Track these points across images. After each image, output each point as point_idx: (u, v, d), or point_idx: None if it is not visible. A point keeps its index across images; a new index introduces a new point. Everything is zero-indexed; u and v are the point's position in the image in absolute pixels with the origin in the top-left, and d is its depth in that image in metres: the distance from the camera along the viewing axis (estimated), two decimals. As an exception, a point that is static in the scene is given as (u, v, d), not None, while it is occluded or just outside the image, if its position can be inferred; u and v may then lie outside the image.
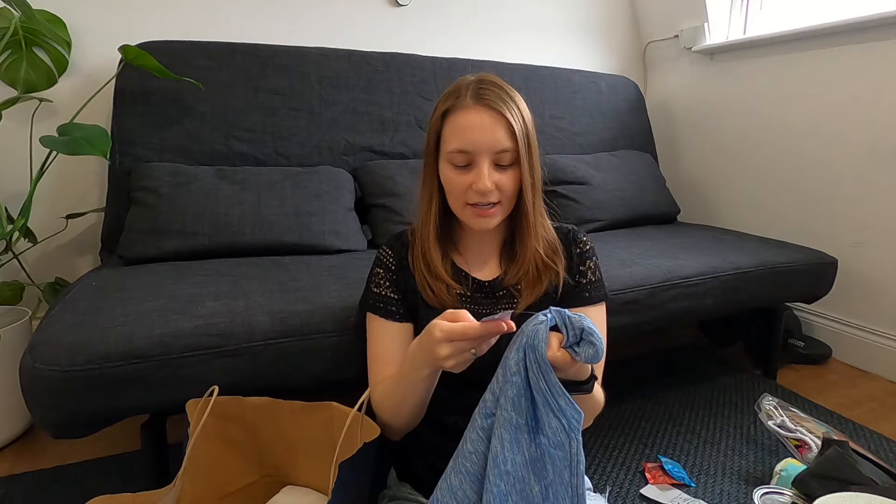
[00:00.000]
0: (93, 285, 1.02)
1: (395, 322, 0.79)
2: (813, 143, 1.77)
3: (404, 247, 0.81)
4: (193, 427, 0.77)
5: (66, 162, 1.47)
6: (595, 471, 1.14)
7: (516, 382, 0.56)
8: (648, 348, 1.83)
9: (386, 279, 0.80)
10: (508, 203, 0.75)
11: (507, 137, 0.71)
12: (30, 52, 1.41)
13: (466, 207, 0.74)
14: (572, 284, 0.80)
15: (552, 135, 1.91)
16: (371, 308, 0.80)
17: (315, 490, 0.88)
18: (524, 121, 0.73)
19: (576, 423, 0.55)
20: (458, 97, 0.73)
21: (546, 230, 0.80)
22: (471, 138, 0.71)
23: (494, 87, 0.73)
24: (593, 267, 0.83)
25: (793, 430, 1.18)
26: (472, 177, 0.72)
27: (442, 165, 0.75)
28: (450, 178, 0.74)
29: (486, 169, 0.71)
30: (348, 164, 1.59)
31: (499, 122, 0.71)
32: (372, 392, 0.77)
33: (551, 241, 0.80)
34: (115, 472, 1.12)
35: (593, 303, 0.81)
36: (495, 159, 0.72)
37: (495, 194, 0.72)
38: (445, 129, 0.74)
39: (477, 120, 0.71)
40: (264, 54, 1.55)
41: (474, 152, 0.71)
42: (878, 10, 1.53)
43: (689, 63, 2.21)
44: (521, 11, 2.11)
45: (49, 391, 0.76)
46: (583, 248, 0.83)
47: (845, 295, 1.68)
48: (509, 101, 0.72)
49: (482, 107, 0.71)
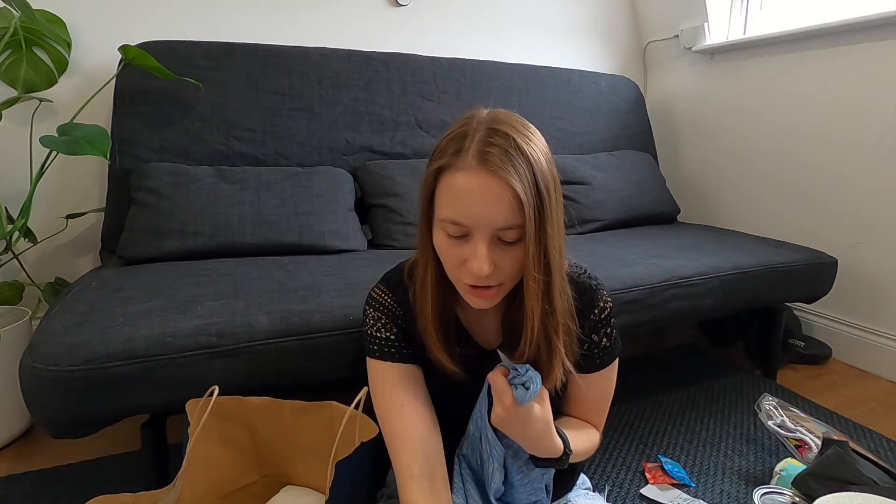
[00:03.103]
0: (93, 285, 1.02)
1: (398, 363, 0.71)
2: (813, 142, 1.77)
3: (405, 292, 0.72)
4: (193, 427, 0.77)
5: (66, 162, 1.47)
6: (595, 471, 1.14)
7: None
8: (648, 348, 1.83)
9: (385, 319, 0.72)
10: (512, 283, 0.64)
11: (513, 213, 0.58)
12: (30, 52, 1.41)
13: (460, 282, 0.64)
14: (580, 353, 0.71)
15: (552, 135, 1.91)
16: (370, 353, 0.72)
17: (315, 490, 0.88)
18: (538, 186, 0.58)
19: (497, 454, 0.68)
20: (457, 152, 0.59)
21: (567, 315, 0.66)
22: (467, 210, 0.58)
23: (504, 139, 0.58)
24: (609, 333, 0.73)
25: (793, 430, 1.18)
26: (467, 251, 0.60)
27: (436, 231, 0.63)
28: (443, 249, 0.63)
29: (483, 249, 0.59)
30: (348, 164, 1.59)
31: (503, 195, 0.57)
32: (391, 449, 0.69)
33: (571, 327, 0.67)
34: (115, 472, 1.12)
35: (603, 368, 0.74)
36: (498, 235, 0.60)
37: (496, 276, 0.61)
38: (439, 191, 0.61)
39: (476, 188, 0.57)
40: (264, 54, 1.55)
41: (470, 226, 0.59)
42: (878, 10, 1.53)
43: (689, 63, 2.21)
44: (520, 11, 2.11)
45: (49, 391, 0.76)
46: (598, 315, 0.72)
47: (845, 295, 1.68)
48: (518, 162, 0.57)
49: (484, 172, 0.57)
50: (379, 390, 0.72)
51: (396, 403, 0.69)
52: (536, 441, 0.63)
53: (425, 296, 0.68)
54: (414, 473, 0.66)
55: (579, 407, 0.78)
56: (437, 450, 0.69)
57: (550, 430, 0.63)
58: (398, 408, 0.69)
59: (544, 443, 0.64)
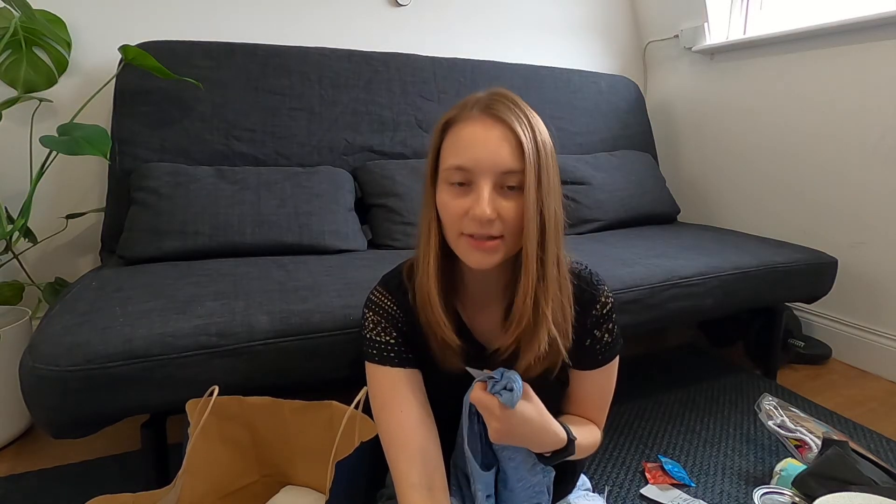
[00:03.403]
0: (93, 285, 1.02)
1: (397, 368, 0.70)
2: (813, 142, 1.77)
3: (405, 294, 0.72)
4: (193, 427, 0.77)
5: (66, 162, 1.47)
6: (595, 471, 1.14)
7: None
8: (648, 348, 1.83)
9: (384, 323, 0.72)
10: (514, 239, 0.63)
11: (515, 157, 0.61)
12: (30, 52, 1.41)
13: (462, 238, 0.63)
14: (581, 348, 0.72)
15: (552, 135, 1.91)
16: (368, 357, 0.72)
17: (315, 490, 0.88)
18: (537, 141, 0.63)
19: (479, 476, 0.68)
20: (463, 108, 0.64)
21: (564, 295, 0.67)
22: (471, 154, 0.61)
23: (507, 99, 0.64)
24: (610, 329, 0.74)
25: (793, 430, 1.18)
26: (469, 201, 0.61)
27: (439, 188, 0.65)
28: (445, 202, 0.63)
29: (486, 192, 0.60)
30: (348, 164, 1.59)
31: (506, 138, 0.61)
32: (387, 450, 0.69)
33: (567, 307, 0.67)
34: (115, 472, 1.12)
35: (604, 364, 0.74)
36: (500, 181, 0.61)
37: (497, 225, 0.61)
38: (445, 144, 0.64)
39: (481, 133, 0.61)
40: (264, 54, 1.55)
41: (474, 171, 0.61)
42: (878, 10, 1.53)
43: (689, 63, 2.21)
44: (520, 11, 2.11)
45: (49, 391, 0.76)
46: (600, 310, 0.72)
47: (845, 295, 1.68)
48: (521, 116, 0.63)
49: (488, 118, 0.62)
50: (377, 395, 0.71)
51: (395, 409, 0.69)
52: (540, 436, 0.63)
53: (427, 261, 0.67)
54: (413, 482, 0.65)
55: (580, 405, 0.78)
56: (436, 457, 0.69)
57: (549, 420, 0.64)
58: (397, 414, 0.68)
59: (548, 436, 0.64)
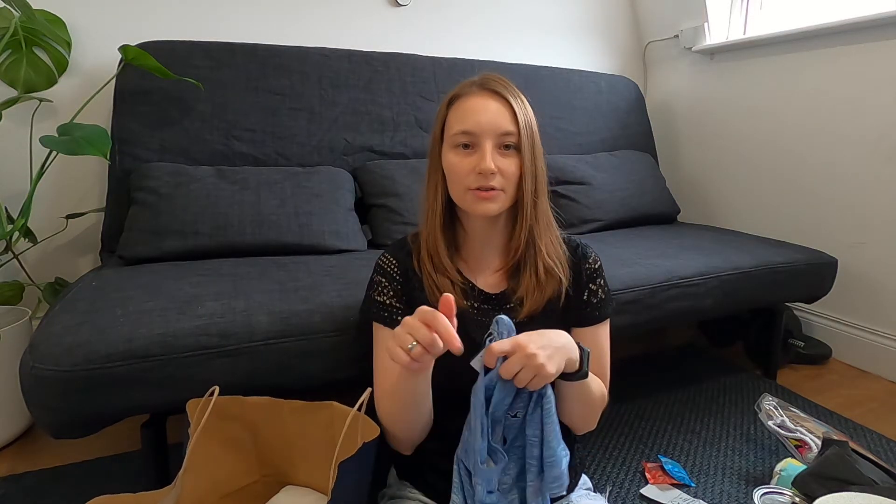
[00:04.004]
0: (93, 285, 1.02)
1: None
2: (813, 142, 1.77)
3: (408, 256, 0.80)
4: (194, 427, 0.77)
5: (66, 162, 1.47)
6: (595, 471, 1.14)
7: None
8: (648, 348, 1.83)
9: (390, 289, 0.78)
10: (511, 190, 0.75)
11: (511, 122, 0.74)
12: (30, 52, 1.41)
13: (468, 193, 0.74)
14: (580, 303, 0.80)
15: (552, 135, 1.91)
16: (375, 317, 0.78)
17: (315, 490, 0.88)
18: (527, 110, 0.77)
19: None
20: (464, 87, 0.77)
21: (552, 235, 0.80)
22: (475, 120, 0.73)
23: (500, 80, 0.77)
24: (603, 284, 0.82)
25: (793, 430, 1.18)
26: (475, 159, 0.73)
27: (445, 152, 0.76)
28: (453, 163, 0.75)
29: (489, 150, 0.72)
30: (348, 164, 1.59)
31: (503, 107, 0.74)
32: (377, 405, 0.76)
33: (557, 246, 0.80)
34: (115, 472, 1.12)
35: (602, 320, 0.82)
36: (499, 142, 0.74)
37: (498, 178, 0.73)
38: (451, 115, 0.76)
39: (482, 104, 0.74)
40: (264, 54, 1.55)
41: (478, 133, 0.73)
42: (878, 10, 1.53)
43: (689, 63, 2.21)
44: (521, 11, 2.11)
45: (49, 391, 0.76)
46: (592, 265, 0.82)
47: (845, 295, 1.68)
48: (514, 93, 0.76)
49: (487, 92, 0.75)
50: (378, 353, 0.78)
51: (392, 368, 0.70)
52: (560, 337, 0.67)
53: (434, 216, 0.78)
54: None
55: None
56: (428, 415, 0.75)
57: (556, 329, 0.68)
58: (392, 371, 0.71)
59: (565, 336, 0.67)
